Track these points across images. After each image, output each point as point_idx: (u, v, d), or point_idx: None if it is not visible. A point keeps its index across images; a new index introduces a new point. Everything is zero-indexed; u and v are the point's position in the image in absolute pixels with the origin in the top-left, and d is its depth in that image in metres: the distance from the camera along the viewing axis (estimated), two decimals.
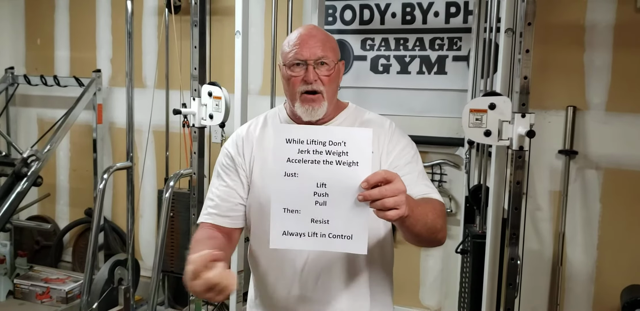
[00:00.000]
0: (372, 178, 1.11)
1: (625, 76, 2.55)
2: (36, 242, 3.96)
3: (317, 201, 1.16)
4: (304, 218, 1.16)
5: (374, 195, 1.10)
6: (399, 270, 2.90)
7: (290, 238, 1.17)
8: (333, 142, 1.15)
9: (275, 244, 1.18)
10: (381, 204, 1.10)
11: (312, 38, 1.43)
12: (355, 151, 1.14)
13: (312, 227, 1.17)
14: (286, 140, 1.16)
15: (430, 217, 1.27)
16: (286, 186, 1.16)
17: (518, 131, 1.99)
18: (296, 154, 1.16)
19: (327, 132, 1.16)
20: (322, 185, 1.15)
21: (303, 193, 1.16)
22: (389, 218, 1.11)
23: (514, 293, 2.10)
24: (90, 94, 3.44)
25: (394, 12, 2.92)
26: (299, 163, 1.16)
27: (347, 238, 1.16)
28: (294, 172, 1.16)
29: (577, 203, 2.66)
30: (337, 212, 1.15)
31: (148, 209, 3.67)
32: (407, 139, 1.52)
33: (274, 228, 1.18)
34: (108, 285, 3.14)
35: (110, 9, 3.67)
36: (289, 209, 1.17)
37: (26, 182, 2.93)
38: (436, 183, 2.90)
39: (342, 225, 1.16)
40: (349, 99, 2.95)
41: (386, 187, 1.10)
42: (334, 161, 1.14)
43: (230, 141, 1.56)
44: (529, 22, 2.01)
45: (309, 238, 1.17)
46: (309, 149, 1.15)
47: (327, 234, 1.17)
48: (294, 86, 1.43)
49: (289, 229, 1.17)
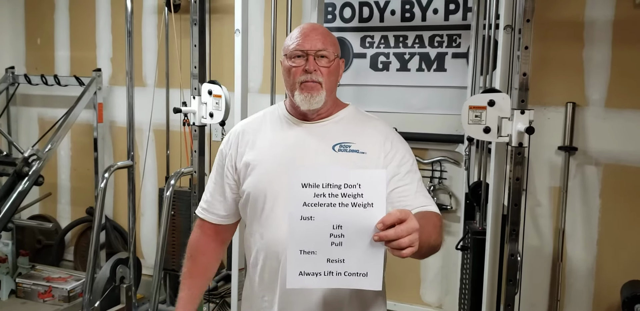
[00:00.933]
0: (387, 219, 1.12)
1: (625, 72, 2.56)
2: (38, 241, 3.96)
3: (333, 242, 1.16)
4: (320, 258, 1.17)
5: (390, 236, 1.11)
6: (400, 267, 2.92)
7: (307, 277, 1.18)
8: (348, 185, 1.15)
9: (292, 284, 1.19)
10: (397, 245, 1.12)
11: (313, 31, 1.49)
12: (370, 192, 1.15)
13: (328, 266, 1.18)
14: (302, 185, 1.16)
15: (433, 237, 1.30)
16: (302, 229, 1.17)
17: (517, 128, 1.99)
18: (312, 198, 1.16)
19: (342, 175, 1.17)
20: (338, 227, 1.16)
21: (319, 235, 1.16)
22: (404, 255, 1.13)
23: (514, 289, 2.11)
24: (91, 93, 3.44)
25: (393, 10, 2.92)
26: (315, 206, 1.16)
27: (363, 276, 1.17)
28: (310, 215, 1.16)
29: (576, 199, 2.67)
30: (353, 251, 1.16)
31: (149, 207, 3.68)
32: (405, 146, 1.54)
33: (291, 269, 1.19)
34: (110, 283, 3.15)
35: (109, 8, 3.68)
36: (305, 251, 1.17)
37: (27, 181, 2.93)
38: (436, 179, 2.91)
39: (357, 264, 1.17)
40: (349, 96, 2.98)
41: (401, 227, 1.12)
42: (350, 203, 1.15)
43: (225, 139, 1.62)
44: (528, 19, 2.01)
45: (325, 277, 1.18)
46: (325, 193, 1.16)
47: (343, 273, 1.17)
48: (295, 76, 1.47)
49: (306, 269, 1.18)
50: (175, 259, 3.35)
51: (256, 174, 1.49)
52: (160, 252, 2.94)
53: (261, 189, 1.47)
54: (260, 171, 1.49)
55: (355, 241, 1.16)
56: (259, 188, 1.48)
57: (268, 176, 1.47)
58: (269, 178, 1.47)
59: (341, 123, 1.54)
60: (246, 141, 1.55)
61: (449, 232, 2.89)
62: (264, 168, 1.49)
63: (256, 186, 1.48)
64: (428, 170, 2.89)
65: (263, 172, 1.48)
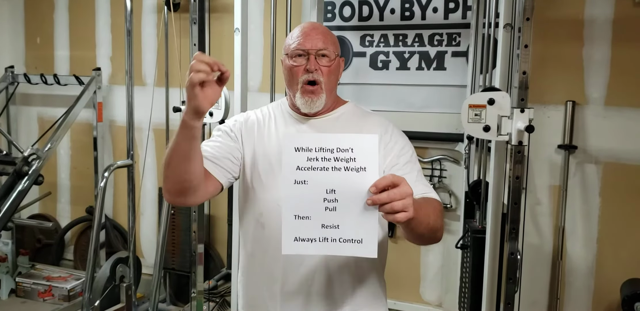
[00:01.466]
0: (380, 183, 1.13)
1: (624, 70, 2.56)
2: (38, 240, 3.97)
3: (327, 207, 1.17)
4: (315, 223, 1.18)
5: (383, 199, 1.12)
6: (400, 265, 2.93)
7: (302, 243, 1.19)
8: (341, 149, 1.16)
9: (287, 250, 1.20)
10: (390, 208, 1.12)
11: (314, 30, 1.50)
12: (363, 156, 1.16)
13: (323, 232, 1.18)
14: (295, 148, 1.17)
15: (432, 218, 1.31)
16: (296, 194, 1.18)
17: (517, 126, 1.99)
18: (305, 162, 1.17)
19: (334, 140, 1.17)
20: (332, 191, 1.17)
21: (313, 200, 1.17)
22: (398, 220, 1.13)
23: (514, 287, 2.11)
24: (90, 92, 3.44)
25: (392, 8, 2.92)
26: (308, 170, 1.17)
27: (357, 242, 1.17)
28: (304, 179, 1.17)
29: (576, 197, 2.67)
30: (347, 217, 1.17)
31: (149, 206, 3.68)
32: (405, 139, 1.55)
33: (286, 235, 1.19)
34: (110, 282, 3.15)
35: (109, 7, 3.67)
36: (299, 216, 1.18)
37: (27, 181, 2.93)
38: (436, 178, 2.91)
39: (352, 230, 1.17)
40: (349, 95, 2.97)
41: (394, 191, 1.12)
42: (342, 168, 1.16)
43: (233, 119, 1.61)
44: (528, 17, 2.01)
45: (320, 243, 1.19)
46: (318, 157, 1.17)
47: (338, 239, 1.18)
48: (296, 76, 1.48)
49: (300, 235, 1.19)
50: (175, 258, 3.35)
51: (260, 166, 1.50)
52: (160, 251, 2.95)
53: (263, 181, 1.49)
54: (264, 164, 1.50)
55: (349, 206, 1.16)
56: (261, 180, 1.49)
57: (272, 169, 1.48)
58: (272, 171, 1.48)
59: (342, 119, 1.56)
60: (251, 129, 1.55)
61: (449, 230, 2.88)
62: (268, 161, 1.50)
63: (259, 178, 1.49)
64: (428, 169, 2.89)
65: (266, 164, 1.49)
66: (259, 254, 1.52)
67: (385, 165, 1.46)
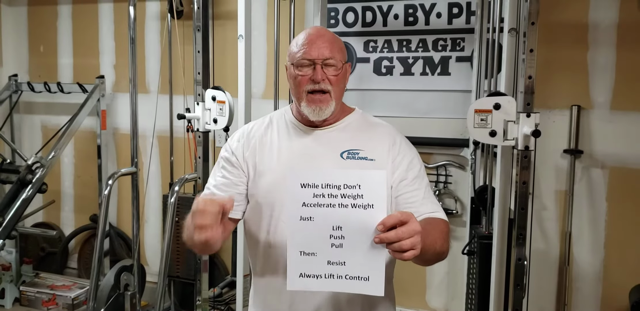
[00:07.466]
0: (388, 221, 1.11)
1: (629, 74, 2.55)
2: (42, 249, 3.96)
3: (333, 244, 1.16)
4: (321, 260, 1.17)
5: (391, 238, 1.10)
6: (406, 272, 2.91)
7: (307, 279, 1.18)
8: (348, 185, 1.15)
9: (293, 286, 1.19)
10: (399, 247, 1.10)
11: (320, 38, 1.44)
12: (370, 193, 1.14)
13: (329, 269, 1.17)
14: (301, 185, 1.16)
15: (439, 243, 1.29)
16: (302, 230, 1.17)
17: (523, 131, 1.99)
18: (311, 198, 1.16)
19: (341, 176, 1.16)
20: (338, 228, 1.15)
21: (319, 236, 1.16)
22: (406, 258, 1.12)
23: (522, 293, 2.10)
24: (94, 100, 3.44)
25: (396, 14, 2.92)
26: (315, 207, 1.16)
27: (364, 280, 1.16)
28: (310, 216, 1.16)
29: (583, 202, 2.66)
30: (354, 254, 1.15)
31: (153, 214, 3.67)
32: (413, 151, 1.52)
33: (291, 270, 1.18)
34: (114, 290, 3.14)
35: (112, 15, 3.68)
36: (305, 252, 1.17)
37: (31, 189, 2.93)
38: (441, 184, 2.89)
39: (358, 267, 1.16)
40: (353, 101, 2.96)
41: (402, 229, 1.10)
42: (350, 204, 1.14)
43: (235, 137, 1.57)
44: (533, 22, 2.01)
45: (326, 280, 1.17)
46: (324, 193, 1.15)
47: (344, 276, 1.17)
48: (301, 85, 1.43)
49: (306, 271, 1.18)
50: (180, 266, 3.33)
51: (264, 182, 1.46)
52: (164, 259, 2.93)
53: (269, 198, 1.45)
54: (268, 180, 1.46)
55: (355, 243, 1.15)
56: (267, 197, 1.45)
57: (276, 186, 1.44)
58: (277, 188, 1.43)
59: (348, 129, 1.51)
60: (252, 145, 1.52)
61: (455, 237, 2.87)
62: (272, 177, 1.46)
63: (264, 195, 1.46)
64: (433, 174, 2.88)
65: (271, 181, 1.45)
66: (268, 274, 1.49)
67: (392, 180, 1.42)
